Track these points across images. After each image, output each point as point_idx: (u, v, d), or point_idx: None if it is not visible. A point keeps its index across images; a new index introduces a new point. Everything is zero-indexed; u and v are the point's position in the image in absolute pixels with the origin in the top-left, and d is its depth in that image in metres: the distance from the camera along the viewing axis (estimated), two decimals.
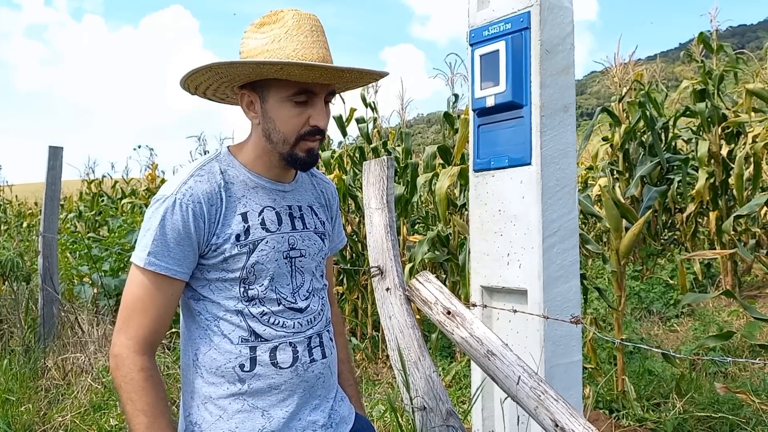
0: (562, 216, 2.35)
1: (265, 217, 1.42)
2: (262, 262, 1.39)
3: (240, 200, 1.40)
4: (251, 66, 1.31)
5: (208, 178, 1.38)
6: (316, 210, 1.57)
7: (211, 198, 1.36)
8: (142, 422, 1.29)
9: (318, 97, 1.37)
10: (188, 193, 1.34)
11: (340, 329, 1.77)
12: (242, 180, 1.43)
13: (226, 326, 1.39)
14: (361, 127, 6.22)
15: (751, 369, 4.35)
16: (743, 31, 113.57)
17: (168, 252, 1.32)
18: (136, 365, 1.31)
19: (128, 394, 1.31)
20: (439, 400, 2.02)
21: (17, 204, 16.02)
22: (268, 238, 1.41)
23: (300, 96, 1.35)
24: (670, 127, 7.19)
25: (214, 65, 1.33)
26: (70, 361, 4.30)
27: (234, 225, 1.38)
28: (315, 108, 1.37)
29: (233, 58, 1.39)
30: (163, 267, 1.32)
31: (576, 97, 2.50)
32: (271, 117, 1.38)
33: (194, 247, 1.35)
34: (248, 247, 1.38)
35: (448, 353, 5.01)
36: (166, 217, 1.33)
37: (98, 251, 5.93)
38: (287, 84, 1.35)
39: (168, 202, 1.34)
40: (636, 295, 6.31)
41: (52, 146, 4.92)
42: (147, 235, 1.34)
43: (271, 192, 1.46)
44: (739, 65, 6.73)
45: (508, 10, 2.39)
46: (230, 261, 1.37)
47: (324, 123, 1.38)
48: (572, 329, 2.36)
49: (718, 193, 6.63)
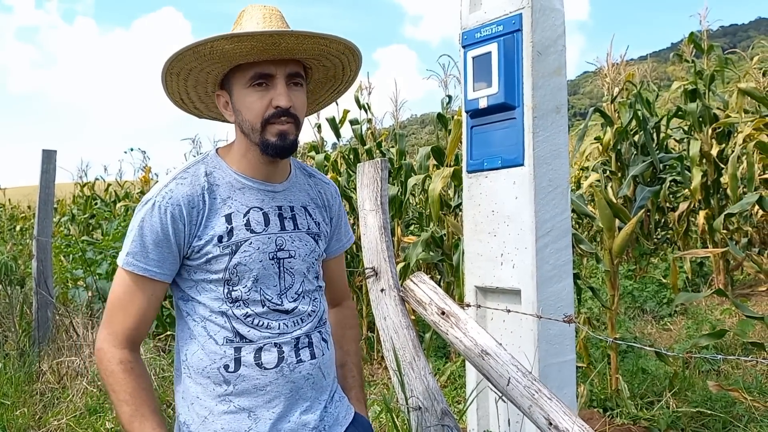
0: (555, 216, 2.37)
1: (250, 218, 1.43)
2: (245, 263, 1.40)
3: (225, 202, 1.42)
4: (189, 55, 1.35)
5: (191, 181, 1.41)
6: (311, 211, 1.56)
7: (192, 201, 1.39)
8: (125, 412, 1.34)
9: (276, 78, 1.39)
10: (168, 196, 1.38)
11: (352, 322, 1.78)
12: (228, 181, 1.45)
13: (212, 327, 1.41)
14: (354, 128, 6.22)
15: (743, 367, 4.38)
16: (734, 31, 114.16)
17: (146, 253, 1.36)
18: (115, 357, 1.36)
19: (111, 386, 1.36)
20: (435, 400, 2.04)
21: (10, 207, 15.96)
22: (253, 239, 1.42)
23: (257, 80, 1.38)
24: (662, 126, 7.23)
25: (165, 63, 1.39)
26: (65, 365, 4.29)
27: (217, 226, 1.40)
28: (276, 89, 1.39)
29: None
30: (141, 268, 1.36)
31: (568, 97, 2.52)
32: (239, 109, 1.41)
33: (173, 249, 1.37)
34: (230, 248, 1.40)
35: (443, 354, 5.02)
36: (145, 220, 1.37)
37: (92, 254, 5.92)
38: (244, 71, 1.38)
39: (148, 206, 1.38)
40: (629, 294, 6.34)
41: (45, 150, 4.92)
42: (128, 237, 1.39)
43: (260, 192, 1.47)
44: (729, 65, 6.77)
45: (499, 13, 2.41)
46: (213, 262, 1.39)
47: (285, 101, 1.38)
48: (566, 328, 2.38)
49: (710, 192, 6.67)
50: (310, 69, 1.50)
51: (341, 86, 1.61)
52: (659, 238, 7.94)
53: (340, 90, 1.63)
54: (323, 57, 1.47)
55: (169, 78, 1.44)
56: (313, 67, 1.50)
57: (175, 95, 1.50)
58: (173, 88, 1.47)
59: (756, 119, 6.00)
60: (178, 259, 1.39)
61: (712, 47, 6.72)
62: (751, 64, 6.96)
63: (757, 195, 5.20)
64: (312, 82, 1.55)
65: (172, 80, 1.45)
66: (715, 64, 6.70)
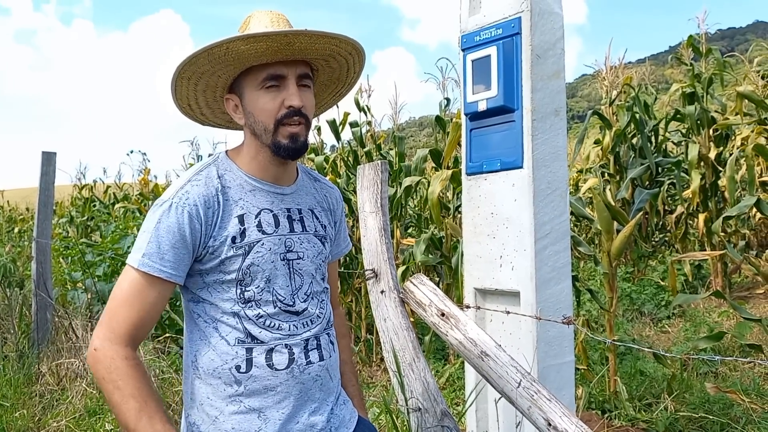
0: (554, 218, 2.38)
1: (261, 219, 1.45)
2: (258, 263, 1.42)
3: (237, 203, 1.43)
4: (202, 58, 1.37)
5: (206, 182, 1.42)
6: (318, 214, 1.59)
7: (208, 201, 1.39)
8: (132, 407, 1.28)
9: (288, 80, 1.41)
10: (185, 196, 1.38)
11: (344, 331, 1.78)
12: (239, 183, 1.46)
13: (224, 328, 1.42)
14: (354, 131, 6.24)
15: (741, 369, 4.39)
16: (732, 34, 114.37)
17: (162, 255, 1.35)
18: (119, 354, 1.31)
19: (114, 383, 1.29)
20: (434, 401, 2.05)
21: (8, 209, 15.94)
22: (264, 240, 1.43)
23: (269, 81, 1.40)
24: (660, 129, 7.25)
25: (177, 67, 1.39)
26: (64, 367, 4.29)
27: (230, 227, 1.41)
28: (288, 90, 1.41)
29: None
30: (156, 269, 1.35)
31: (567, 100, 2.53)
32: (251, 111, 1.43)
33: (189, 249, 1.37)
34: (244, 249, 1.41)
35: (442, 356, 5.03)
36: (162, 220, 1.36)
37: (91, 256, 5.92)
38: (256, 74, 1.40)
39: (165, 206, 1.38)
40: (628, 296, 6.35)
41: (45, 151, 4.93)
42: (142, 237, 1.37)
43: (269, 194, 1.49)
44: (727, 68, 6.79)
45: (499, 16, 2.42)
46: (227, 263, 1.40)
47: (298, 101, 1.40)
48: (564, 330, 2.38)
49: (708, 195, 6.69)
50: (316, 71, 1.53)
51: (343, 89, 1.64)
52: (657, 241, 7.96)
53: (342, 93, 1.65)
54: (332, 57, 1.49)
55: (180, 83, 1.44)
56: (320, 68, 1.52)
57: (183, 101, 1.51)
58: (182, 93, 1.48)
59: (753, 122, 6.02)
60: (191, 260, 1.40)
61: (710, 50, 6.74)
62: (749, 67, 6.99)
63: (755, 198, 5.21)
64: (316, 84, 1.56)
65: (182, 85, 1.45)
66: (713, 67, 6.72)
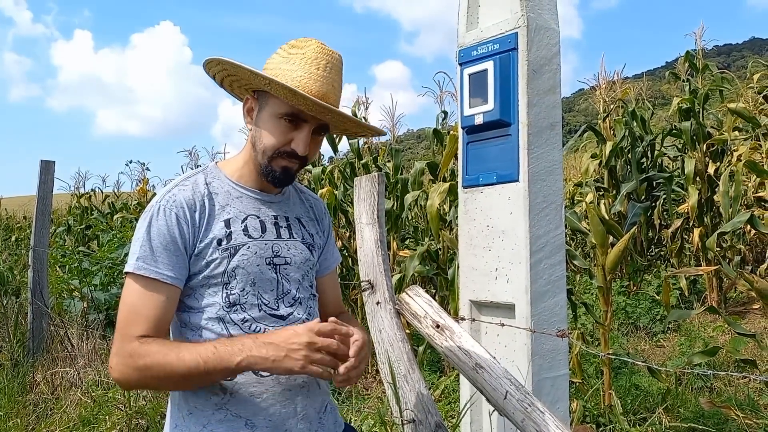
0: (549, 232, 2.40)
1: (248, 224, 1.48)
2: (243, 266, 1.44)
3: (224, 208, 1.47)
4: (247, 72, 1.42)
5: (192, 188, 1.46)
6: (305, 222, 1.62)
7: (194, 204, 1.43)
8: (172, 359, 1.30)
9: (306, 125, 1.45)
10: (172, 199, 1.42)
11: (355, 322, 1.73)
12: (226, 190, 1.50)
13: (209, 335, 1.42)
14: (351, 142, 6.27)
15: (735, 384, 4.40)
16: (729, 50, 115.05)
17: (155, 257, 1.37)
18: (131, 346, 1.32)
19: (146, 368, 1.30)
20: (429, 413, 2.05)
21: (5, 217, 15.91)
22: (250, 243, 1.46)
23: (289, 117, 1.43)
24: (657, 144, 7.29)
25: (222, 60, 1.45)
26: (59, 376, 4.28)
27: (216, 230, 1.44)
28: (301, 133, 1.44)
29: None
30: (152, 271, 1.36)
31: (564, 114, 2.56)
32: (261, 127, 1.47)
33: (180, 251, 1.40)
34: (229, 251, 1.43)
35: (437, 368, 5.03)
36: (152, 224, 1.40)
37: (88, 265, 5.92)
38: (283, 103, 1.42)
39: (153, 210, 1.41)
40: (623, 310, 6.36)
41: (44, 160, 4.94)
42: (136, 243, 1.40)
43: (256, 201, 1.53)
44: (724, 84, 6.84)
45: (496, 31, 2.45)
46: (212, 265, 1.42)
47: (302, 149, 1.44)
48: (559, 343, 2.39)
49: (704, 210, 6.72)
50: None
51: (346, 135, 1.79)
52: (653, 255, 7.97)
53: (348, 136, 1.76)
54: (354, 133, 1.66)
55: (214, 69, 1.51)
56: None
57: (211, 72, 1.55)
58: (214, 69, 1.53)
59: (749, 137, 6.06)
60: (186, 262, 1.41)
61: (707, 66, 6.80)
62: (745, 84, 7.03)
63: (749, 214, 5.24)
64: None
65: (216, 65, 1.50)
66: (709, 83, 6.78)
